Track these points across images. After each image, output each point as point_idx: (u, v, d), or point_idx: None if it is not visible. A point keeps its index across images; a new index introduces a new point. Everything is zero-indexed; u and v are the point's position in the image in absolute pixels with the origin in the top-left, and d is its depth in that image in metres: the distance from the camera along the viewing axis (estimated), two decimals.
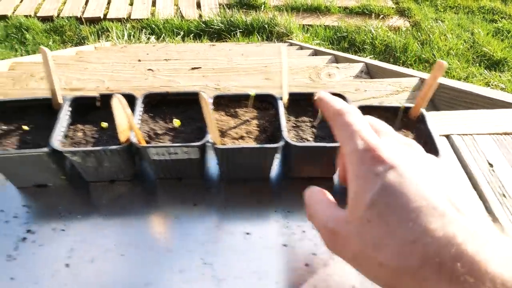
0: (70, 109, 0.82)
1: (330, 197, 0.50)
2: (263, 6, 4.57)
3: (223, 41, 4.01)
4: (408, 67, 3.35)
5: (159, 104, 0.85)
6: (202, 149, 0.77)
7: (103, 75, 2.07)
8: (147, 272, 0.72)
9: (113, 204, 0.82)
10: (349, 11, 4.36)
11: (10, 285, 0.70)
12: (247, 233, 0.78)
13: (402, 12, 4.32)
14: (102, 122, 0.81)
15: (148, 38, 4.08)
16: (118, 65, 2.42)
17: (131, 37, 4.07)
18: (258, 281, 0.71)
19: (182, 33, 4.14)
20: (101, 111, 0.85)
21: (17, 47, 3.83)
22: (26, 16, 4.23)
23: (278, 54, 3.05)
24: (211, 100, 0.81)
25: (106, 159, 0.77)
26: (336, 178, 0.86)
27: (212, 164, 0.90)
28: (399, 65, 3.37)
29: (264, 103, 0.84)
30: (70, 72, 2.05)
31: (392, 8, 4.33)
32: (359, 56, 3.54)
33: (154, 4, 4.70)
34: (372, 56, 3.49)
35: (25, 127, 0.80)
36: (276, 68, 2.15)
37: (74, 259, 0.74)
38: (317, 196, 0.49)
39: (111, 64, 2.45)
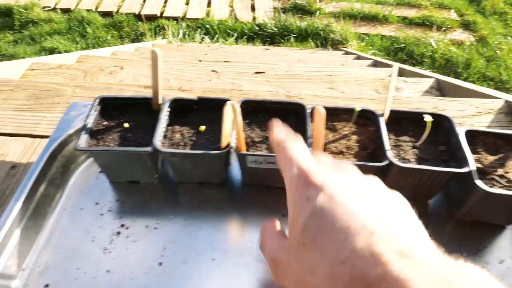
0: (169, 110, 0.84)
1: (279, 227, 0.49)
2: (318, 12, 4.54)
3: (276, 45, 4.01)
4: None
5: (254, 111, 0.85)
6: None
7: (168, 73, 2.11)
8: (239, 278, 0.72)
9: (203, 207, 0.83)
10: (408, 22, 4.25)
11: (107, 278, 0.72)
12: None
13: (466, 26, 4.16)
14: (200, 126, 0.82)
15: (202, 38, 4.14)
16: (180, 64, 2.47)
17: (186, 36, 4.15)
18: None
19: (235, 34, 4.18)
20: (197, 114, 0.86)
21: (78, 40, 4.00)
22: (87, 10, 4.42)
23: (336, 63, 3.02)
24: (309, 112, 0.81)
25: (204, 162, 0.78)
26: (430, 202, 0.84)
27: None
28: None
29: (363, 119, 0.82)
30: (136, 69, 2.11)
31: (456, 20, 4.18)
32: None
33: (209, 4, 4.77)
34: (431, 70, 3.38)
35: (126, 125, 0.83)
36: (340, 77, 2.12)
37: (167, 258, 0.75)
38: (269, 227, 0.49)
39: (173, 62, 2.50)
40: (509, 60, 3.41)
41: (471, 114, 1.29)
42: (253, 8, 4.80)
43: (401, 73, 2.31)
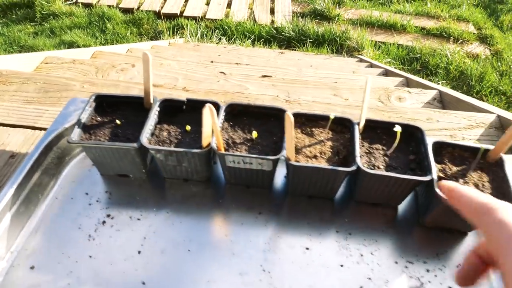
0: (158, 109, 0.89)
1: None
2: (337, 18, 4.56)
3: (292, 49, 4.04)
4: (482, 98, 3.20)
5: (239, 114, 0.90)
6: (276, 162, 0.81)
7: (178, 73, 2.18)
8: (210, 270, 0.77)
9: (186, 202, 0.88)
10: (426, 32, 4.22)
11: (89, 263, 0.78)
12: (307, 248, 0.81)
13: (483, 39, 4.12)
14: (186, 125, 0.87)
15: (220, 39, 4.21)
16: (192, 64, 2.54)
17: (204, 36, 4.22)
18: None
19: (252, 37, 4.23)
20: (186, 114, 0.91)
21: (98, 35, 4.10)
22: (109, 6, 4.52)
23: (346, 69, 3.05)
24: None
25: (186, 160, 0.83)
26: (399, 207, 0.87)
27: (281, 177, 0.94)
28: (472, 95, 3.23)
29: (340, 126, 0.86)
30: None
31: (473, 33, 4.14)
32: (430, 80, 3.43)
33: (229, 5, 4.84)
34: (445, 81, 3.37)
35: (118, 122, 0.88)
36: (345, 84, 2.15)
37: (146, 247, 0.80)
38: None
39: (185, 62, 2.57)
40: None
41: (463, 127, 1.31)
42: (272, 11, 4.84)
43: (408, 82, 2.32)
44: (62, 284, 0.75)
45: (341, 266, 0.78)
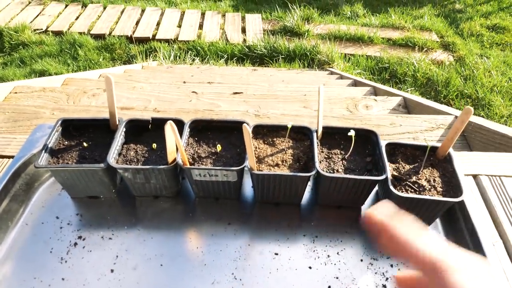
0: (124, 129, 0.92)
1: None
2: (306, 33, 4.68)
3: (265, 66, 4.12)
4: (449, 102, 3.32)
5: (204, 129, 0.93)
6: (240, 173, 0.84)
7: (150, 95, 2.20)
8: (183, 282, 0.79)
9: (156, 218, 0.90)
10: (392, 43, 4.38)
11: (62, 285, 0.79)
12: (276, 253, 0.83)
13: (446, 46, 4.30)
14: (153, 143, 0.89)
15: (193, 60, 4.26)
16: (164, 85, 2.57)
17: (177, 57, 4.27)
18: None
19: (225, 56, 4.30)
20: (152, 132, 0.94)
21: (70, 62, 4.10)
22: (80, 33, 4.52)
23: (317, 83, 3.12)
24: (251, 129, 0.88)
25: (154, 176, 0.86)
26: (363, 208, 0.91)
27: (248, 187, 0.97)
28: (440, 99, 3.34)
29: (300, 135, 0.90)
30: (120, 91, 2.19)
31: (437, 41, 4.31)
32: (399, 88, 3.54)
33: (201, 27, 4.92)
34: (413, 88, 3.49)
35: (85, 144, 0.90)
36: (315, 97, 2.21)
37: (119, 265, 0.82)
38: None
39: (158, 84, 2.60)
40: (485, 79, 3.51)
41: (424, 129, 1.37)
42: (243, 30, 4.93)
43: (376, 91, 2.40)
44: None
45: (310, 268, 0.81)
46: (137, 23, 4.90)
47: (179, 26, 4.97)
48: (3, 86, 1.91)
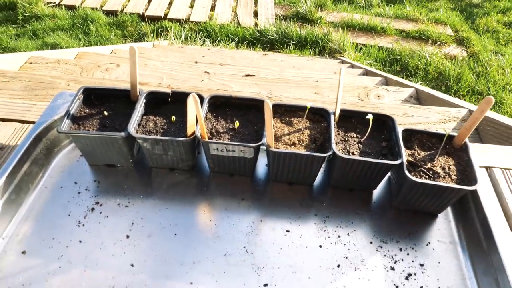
0: (145, 101, 0.93)
1: None
2: (319, 21, 4.64)
3: (276, 51, 4.11)
4: (459, 98, 3.31)
5: (222, 106, 0.94)
6: (257, 150, 0.85)
7: (163, 72, 2.21)
8: (196, 251, 0.81)
9: (172, 189, 0.92)
10: (405, 35, 4.34)
11: (79, 247, 0.81)
12: (287, 231, 0.85)
13: (460, 41, 4.26)
14: (172, 116, 0.91)
15: (204, 41, 4.25)
16: (176, 64, 2.57)
17: (188, 38, 4.26)
18: (292, 274, 0.78)
19: (236, 39, 4.28)
20: (171, 106, 0.95)
21: (81, 37, 4.09)
22: (92, 9, 4.51)
23: (328, 70, 3.11)
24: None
25: (172, 148, 0.87)
26: (374, 192, 0.93)
27: (262, 165, 0.98)
28: (450, 95, 3.33)
29: (317, 116, 0.91)
30: None
31: (451, 36, 4.27)
32: (410, 80, 3.53)
33: (213, 8, 4.89)
34: (424, 82, 3.47)
35: (106, 113, 0.92)
36: (326, 83, 2.21)
37: (134, 232, 0.84)
38: None
39: (170, 63, 2.60)
40: (498, 76, 3.49)
41: (437, 121, 1.38)
42: (255, 14, 4.90)
43: (387, 82, 2.40)
44: (53, 267, 0.78)
45: (320, 246, 0.83)
46: (149, 1, 4.87)
47: (191, 6, 4.94)
48: (19, 56, 1.92)
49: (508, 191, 0.94)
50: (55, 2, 4.54)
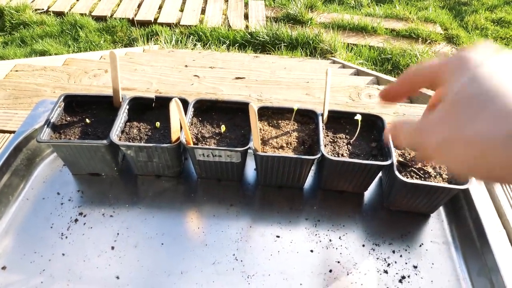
0: (128, 107, 0.91)
1: None
2: (309, 22, 4.64)
3: (267, 53, 4.09)
4: None
5: (208, 110, 0.92)
6: (244, 154, 0.83)
7: (152, 77, 2.19)
8: (184, 261, 0.78)
9: (158, 197, 0.90)
10: (396, 34, 4.34)
11: (62, 260, 0.78)
12: (278, 236, 0.83)
13: (450, 39, 4.27)
14: (156, 122, 0.88)
15: (195, 45, 4.23)
16: (166, 69, 2.54)
17: (179, 42, 4.23)
18: (283, 281, 0.76)
19: (227, 42, 4.26)
20: (155, 111, 0.93)
21: (70, 43, 4.05)
22: (81, 14, 4.46)
23: (319, 71, 3.10)
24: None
25: (157, 155, 0.85)
26: (365, 194, 0.91)
27: (251, 169, 0.96)
28: None
29: (305, 118, 0.89)
30: (121, 72, 2.17)
31: (441, 34, 4.28)
32: None
33: (203, 12, 4.87)
34: None
35: (88, 120, 0.89)
36: (317, 84, 2.20)
37: (119, 242, 0.81)
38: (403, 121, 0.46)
39: (159, 67, 2.57)
40: None
41: None
42: (246, 17, 4.88)
43: (378, 81, 2.38)
44: (35, 282, 0.75)
45: (311, 251, 0.81)
46: (139, 5, 4.85)
47: (181, 10, 4.92)
48: (4, 64, 1.89)
49: (500, 188, 0.93)
50: (43, 9, 4.49)
